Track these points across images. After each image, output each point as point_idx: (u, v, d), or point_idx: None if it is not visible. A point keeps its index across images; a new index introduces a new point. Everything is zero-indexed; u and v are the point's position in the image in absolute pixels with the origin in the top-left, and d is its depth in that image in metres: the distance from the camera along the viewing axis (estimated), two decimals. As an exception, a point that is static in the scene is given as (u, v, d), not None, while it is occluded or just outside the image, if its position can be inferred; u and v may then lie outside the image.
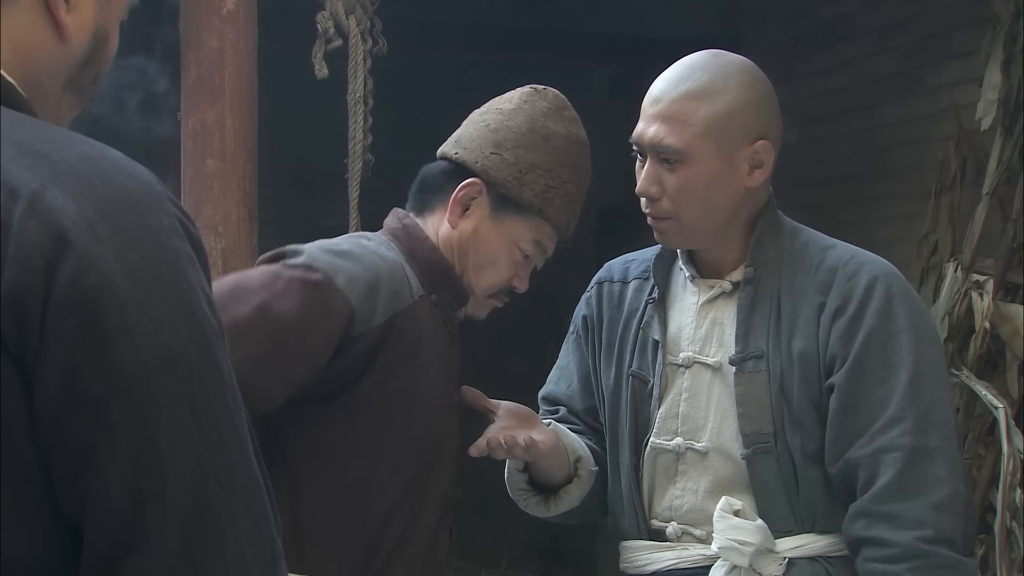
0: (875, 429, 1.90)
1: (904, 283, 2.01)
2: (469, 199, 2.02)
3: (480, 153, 2.01)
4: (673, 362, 2.08)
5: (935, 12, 4.65)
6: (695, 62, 2.03)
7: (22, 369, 1.00)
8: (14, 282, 0.99)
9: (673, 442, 2.07)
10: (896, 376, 1.92)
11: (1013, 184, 3.87)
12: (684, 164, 1.99)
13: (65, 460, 1.01)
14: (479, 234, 2.02)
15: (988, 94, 3.84)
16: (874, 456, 1.90)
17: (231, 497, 1.06)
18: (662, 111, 1.99)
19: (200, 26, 3.24)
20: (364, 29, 3.62)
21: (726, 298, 2.06)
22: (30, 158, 1.04)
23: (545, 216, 2.02)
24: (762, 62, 2.12)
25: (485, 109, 2.08)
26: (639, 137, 2.02)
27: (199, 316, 1.06)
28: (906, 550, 1.85)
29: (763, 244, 2.04)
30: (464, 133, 2.06)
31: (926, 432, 1.90)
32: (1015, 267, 3.87)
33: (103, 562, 1.02)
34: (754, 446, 1.99)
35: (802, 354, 1.97)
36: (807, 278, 2.00)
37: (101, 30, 1.20)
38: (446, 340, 2.02)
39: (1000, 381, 3.82)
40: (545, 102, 2.07)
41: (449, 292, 2.02)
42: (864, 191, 5.01)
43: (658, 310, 2.11)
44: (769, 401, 1.98)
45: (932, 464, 1.89)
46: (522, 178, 2.00)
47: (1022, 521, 3.63)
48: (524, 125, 2.02)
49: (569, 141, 2.05)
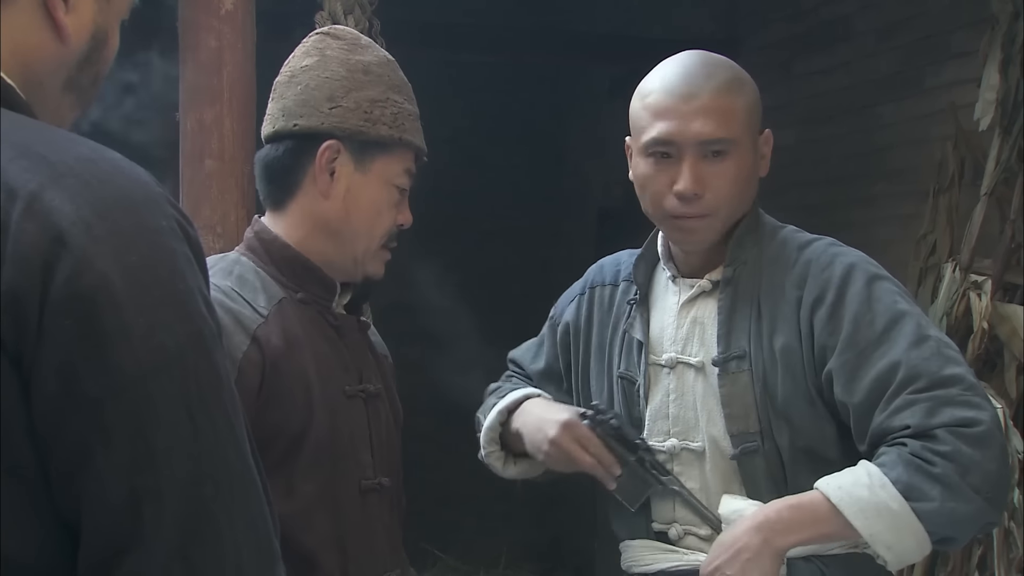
0: (890, 394, 1.88)
1: (879, 267, 2.02)
2: (331, 162, 1.96)
3: (319, 113, 1.95)
4: (657, 362, 2.09)
5: (934, 13, 4.65)
6: (704, 60, 2.05)
7: (19, 369, 1.00)
8: (12, 282, 1.00)
9: (667, 443, 2.07)
10: (896, 345, 1.90)
11: (1011, 184, 3.87)
12: (730, 156, 2.00)
13: (62, 460, 1.02)
14: (354, 191, 1.97)
15: (986, 94, 3.84)
16: (895, 412, 1.87)
17: (228, 497, 1.06)
18: (704, 105, 1.99)
19: (198, 26, 3.24)
20: (363, 29, 3.63)
21: (706, 297, 2.07)
22: (29, 159, 1.04)
23: (405, 142, 1.99)
24: (761, 62, 2.13)
25: (289, 74, 2.00)
26: (677, 135, 1.99)
27: (196, 317, 1.07)
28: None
29: (743, 244, 2.05)
30: (286, 105, 1.98)
31: (944, 385, 1.87)
32: (1013, 267, 3.87)
33: (100, 562, 1.02)
34: (742, 446, 2.00)
35: (784, 349, 1.97)
36: (784, 275, 2.01)
37: (100, 31, 1.20)
38: (327, 333, 1.97)
39: (998, 381, 3.82)
40: (341, 40, 2.01)
41: (314, 284, 1.98)
42: (862, 191, 5.01)
43: (640, 311, 2.12)
44: (754, 400, 1.99)
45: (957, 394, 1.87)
46: (371, 117, 1.95)
47: (1020, 521, 3.63)
48: (341, 69, 1.97)
49: (383, 65, 2.01)
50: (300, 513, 1.85)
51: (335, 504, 1.91)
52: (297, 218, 1.99)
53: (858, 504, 1.86)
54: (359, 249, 2.00)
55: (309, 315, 1.95)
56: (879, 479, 1.85)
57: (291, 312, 1.93)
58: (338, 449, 1.92)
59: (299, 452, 1.87)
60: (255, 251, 1.99)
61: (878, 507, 1.85)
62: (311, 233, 1.99)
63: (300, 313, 1.94)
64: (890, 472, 1.85)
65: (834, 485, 1.89)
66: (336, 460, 1.92)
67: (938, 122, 4.41)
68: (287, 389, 1.87)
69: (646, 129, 2.02)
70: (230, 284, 1.91)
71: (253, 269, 1.96)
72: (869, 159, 5.01)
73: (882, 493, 1.84)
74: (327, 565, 1.89)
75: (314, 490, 1.88)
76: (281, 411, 1.86)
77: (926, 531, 1.85)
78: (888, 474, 1.85)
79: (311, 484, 1.88)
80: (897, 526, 1.85)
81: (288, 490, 1.83)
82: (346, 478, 1.94)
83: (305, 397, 1.88)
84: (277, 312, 1.91)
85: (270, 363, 1.85)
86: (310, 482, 1.88)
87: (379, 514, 1.99)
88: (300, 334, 1.91)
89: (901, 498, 1.83)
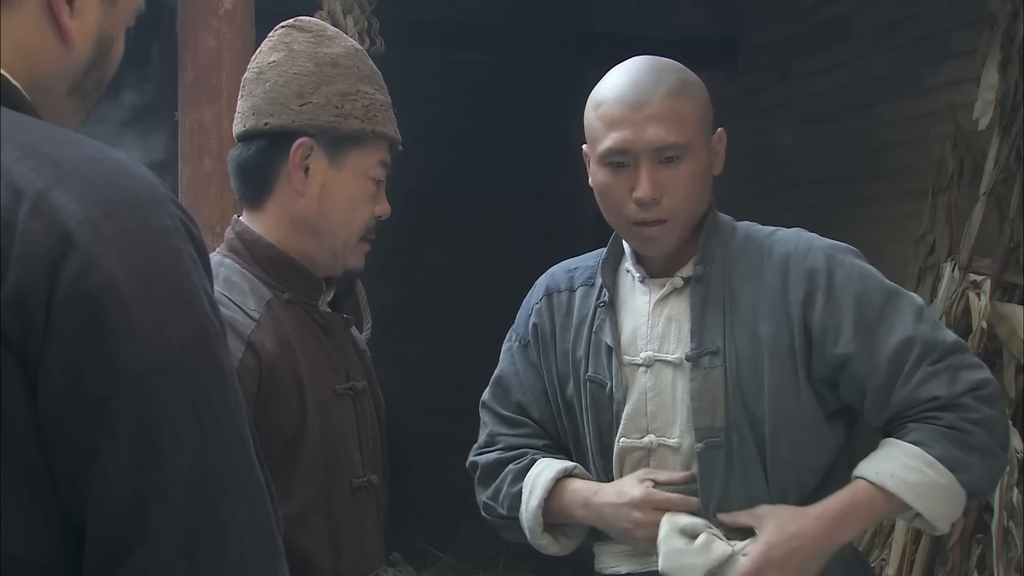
0: (909, 367, 1.99)
1: (850, 246, 2.10)
2: (304, 160, 1.94)
3: (289, 111, 1.93)
4: (632, 362, 2.10)
5: (932, 12, 4.66)
6: (651, 66, 2.07)
7: (25, 367, 1.01)
8: (18, 281, 1.00)
9: (644, 439, 2.09)
10: (901, 320, 2.00)
11: (1010, 184, 3.88)
12: (685, 159, 2.03)
13: (67, 458, 1.02)
14: (329, 187, 1.95)
15: (985, 94, 3.85)
16: (920, 384, 1.98)
17: (232, 495, 1.07)
18: (655, 112, 2.02)
19: (197, 26, 3.25)
20: (362, 29, 3.63)
21: (678, 294, 2.09)
22: (35, 159, 1.05)
23: (378, 134, 1.97)
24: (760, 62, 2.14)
25: (257, 70, 1.98)
26: (631, 144, 2.02)
27: (201, 315, 1.07)
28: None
29: (710, 242, 2.08)
30: (256, 103, 1.97)
31: (952, 353, 2.00)
32: (1012, 267, 3.88)
33: (105, 559, 1.03)
34: (706, 440, 2.03)
35: (772, 337, 2.01)
36: (758, 265, 2.05)
37: (105, 35, 1.20)
38: (314, 332, 1.96)
39: (997, 381, 3.82)
40: (307, 33, 1.99)
41: (301, 283, 1.96)
42: (861, 191, 5.02)
43: (609, 313, 2.12)
44: (724, 396, 2.02)
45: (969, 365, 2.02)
46: (341, 111, 1.93)
47: (1019, 521, 3.64)
48: (309, 64, 1.95)
49: (351, 56, 1.99)
50: (296, 514, 1.84)
51: (329, 504, 1.91)
52: (275, 217, 1.97)
53: (915, 488, 1.97)
54: (338, 244, 1.99)
55: (296, 315, 1.94)
56: (925, 459, 1.97)
57: (280, 313, 1.92)
58: (331, 449, 1.92)
59: (295, 454, 1.87)
60: (238, 252, 1.97)
61: (932, 486, 1.97)
62: (289, 231, 1.97)
63: (287, 313, 1.93)
64: (932, 449, 1.97)
65: (886, 474, 1.98)
66: (329, 460, 1.91)
67: (937, 122, 4.42)
68: (282, 392, 1.86)
69: (601, 140, 2.05)
70: (218, 288, 1.88)
71: (238, 271, 1.94)
72: (868, 159, 5.01)
73: (931, 472, 1.96)
74: (322, 565, 1.88)
75: (310, 491, 1.88)
76: (277, 414, 1.85)
77: (967, 493, 2.00)
78: (931, 452, 1.97)
79: (307, 485, 1.88)
80: (949, 498, 1.99)
81: (286, 492, 1.82)
82: (339, 477, 1.93)
83: (299, 399, 1.88)
84: (267, 314, 1.90)
85: (266, 368, 1.84)
86: (306, 483, 1.88)
87: (368, 512, 1.99)
88: (290, 335, 1.91)
89: (948, 472, 1.97)
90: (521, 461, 2.18)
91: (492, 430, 2.23)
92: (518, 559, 7.18)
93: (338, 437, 1.93)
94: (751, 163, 5.71)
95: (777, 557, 1.95)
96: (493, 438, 2.23)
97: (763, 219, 2.21)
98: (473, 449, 2.27)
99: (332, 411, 1.93)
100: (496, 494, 2.20)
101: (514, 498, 2.17)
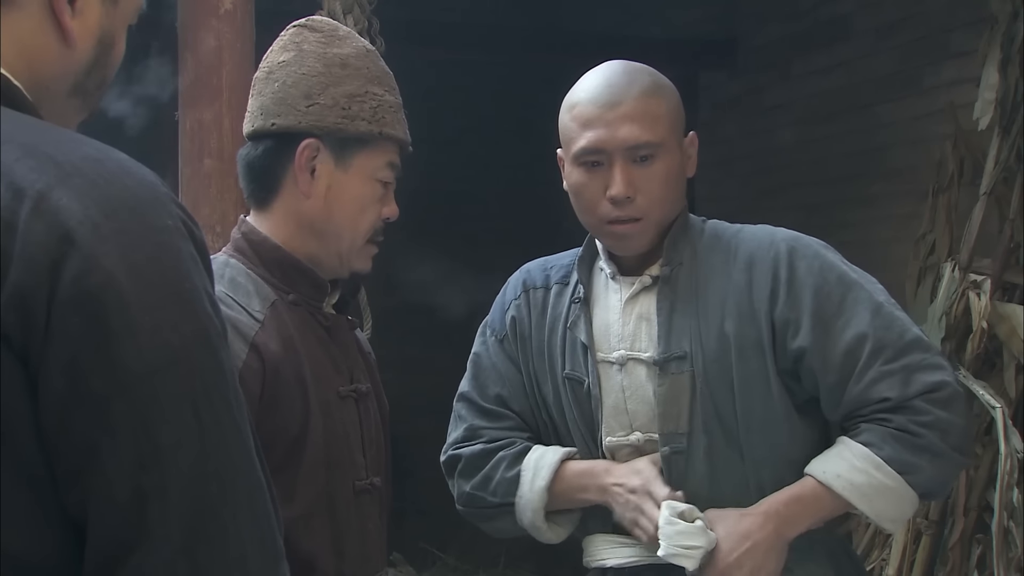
0: (861, 366, 1.99)
1: (814, 239, 2.10)
2: (311, 161, 1.93)
3: (297, 112, 1.92)
4: (606, 359, 2.11)
5: (932, 12, 4.66)
6: (625, 68, 2.10)
7: (26, 367, 1.01)
8: (19, 281, 1.00)
9: (632, 436, 2.10)
10: (857, 316, 2.00)
11: (1011, 184, 3.88)
12: (658, 158, 2.06)
13: (68, 457, 1.02)
14: (335, 189, 1.95)
15: (985, 94, 3.85)
16: (871, 385, 1.99)
17: (232, 495, 1.07)
18: (628, 112, 2.05)
19: (197, 26, 3.25)
20: (362, 28, 3.63)
21: (648, 292, 2.11)
22: (36, 159, 1.05)
23: (386, 136, 1.96)
24: (759, 62, 2.14)
25: (267, 70, 1.98)
26: (605, 142, 2.05)
27: (201, 315, 1.07)
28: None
29: (677, 244, 2.10)
30: (264, 103, 1.96)
31: (909, 352, 2.00)
32: (1012, 267, 3.88)
33: (106, 559, 1.03)
34: (670, 445, 2.05)
35: (738, 332, 2.03)
36: (725, 263, 2.07)
37: (107, 35, 1.20)
38: (318, 334, 1.95)
39: (997, 381, 3.83)
40: (318, 33, 1.98)
41: (306, 285, 1.96)
42: (862, 191, 5.02)
43: (583, 310, 2.14)
44: (689, 401, 2.04)
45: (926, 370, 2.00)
46: (349, 113, 1.92)
47: (1020, 521, 3.64)
48: (318, 64, 1.94)
49: (361, 57, 1.98)
50: (299, 516, 1.84)
51: (332, 506, 1.91)
52: (281, 217, 1.97)
53: (860, 490, 1.99)
54: (344, 246, 1.98)
55: (300, 316, 1.94)
56: (872, 461, 1.98)
57: (284, 315, 1.91)
58: (335, 451, 1.92)
59: (298, 456, 1.86)
60: (244, 252, 1.97)
61: (878, 488, 1.98)
62: (296, 232, 1.96)
63: (292, 315, 1.92)
64: (880, 451, 1.98)
65: (832, 474, 1.99)
66: (333, 462, 1.91)
67: (937, 122, 4.42)
68: (286, 394, 1.86)
69: (575, 140, 2.08)
70: (223, 288, 1.88)
71: (244, 272, 1.94)
72: (868, 159, 5.01)
73: (878, 474, 1.98)
74: (324, 567, 1.88)
75: (313, 493, 1.88)
76: (280, 416, 1.85)
77: (918, 495, 2.01)
78: (879, 454, 1.98)
79: (310, 487, 1.87)
80: (897, 500, 2.00)
81: (289, 494, 1.82)
82: (342, 479, 1.93)
83: (302, 400, 1.87)
84: (272, 316, 1.89)
85: (270, 370, 1.84)
86: (309, 485, 1.87)
87: (371, 514, 1.99)
88: (295, 337, 1.90)
89: (896, 475, 1.98)
90: (512, 448, 2.18)
91: (472, 424, 2.22)
92: (518, 559, 7.18)
93: (341, 439, 1.93)
94: (751, 163, 5.71)
95: (735, 561, 1.99)
96: (475, 431, 2.22)
97: (763, 219, 2.21)
98: (449, 444, 2.26)
99: (335, 413, 1.93)
100: (486, 482, 2.19)
101: (509, 483, 2.16)
